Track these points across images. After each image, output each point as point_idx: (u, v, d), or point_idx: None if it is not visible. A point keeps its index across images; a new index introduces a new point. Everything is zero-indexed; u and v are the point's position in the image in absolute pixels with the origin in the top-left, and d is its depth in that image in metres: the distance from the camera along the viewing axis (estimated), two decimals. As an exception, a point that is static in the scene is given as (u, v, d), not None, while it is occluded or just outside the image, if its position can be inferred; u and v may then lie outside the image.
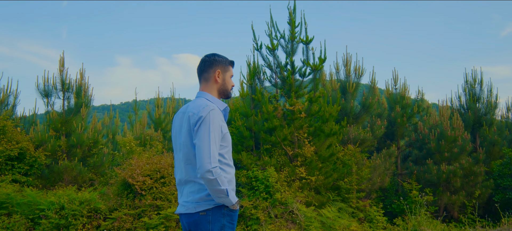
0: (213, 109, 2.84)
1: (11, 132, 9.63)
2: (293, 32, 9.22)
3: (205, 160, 2.74)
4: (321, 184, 9.01)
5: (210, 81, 3.08)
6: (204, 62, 3.13)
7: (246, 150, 9.07)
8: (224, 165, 2.91)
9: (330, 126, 8.83)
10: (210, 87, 3.09)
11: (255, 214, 7.83)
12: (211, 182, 2.74)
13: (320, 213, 8.47)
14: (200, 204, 2.86)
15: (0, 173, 9.33)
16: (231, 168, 2.98)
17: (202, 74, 3.12)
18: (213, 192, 2.78)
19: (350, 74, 10.51)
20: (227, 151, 2.96)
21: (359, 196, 9.71)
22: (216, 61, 3.09)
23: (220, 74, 3.08)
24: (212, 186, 2.76)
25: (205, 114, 2.81)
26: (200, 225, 2.86)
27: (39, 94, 11.00)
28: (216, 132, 2.80)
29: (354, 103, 10.40)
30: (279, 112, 8.95)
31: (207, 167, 2.72)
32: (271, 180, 8.08)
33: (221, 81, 3.09)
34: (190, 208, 2.89)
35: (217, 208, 2.85)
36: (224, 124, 2.93)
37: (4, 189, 8.25)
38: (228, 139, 2.96)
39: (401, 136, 12.30)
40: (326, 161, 9.09)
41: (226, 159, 2.94)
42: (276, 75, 9.44)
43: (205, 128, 2.79)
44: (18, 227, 7.71)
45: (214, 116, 2.82)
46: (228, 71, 3.14)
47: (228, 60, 3.16)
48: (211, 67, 3.09)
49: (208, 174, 2.72)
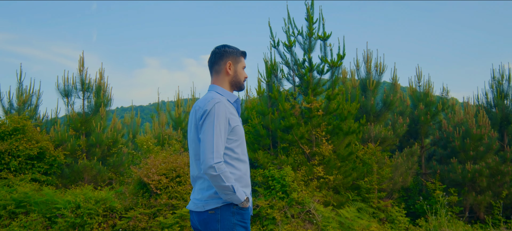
0: (219, 102, 2.75)
1: (31, 131, 9.72)
2: (310, 29, 9.04)
3: (208, 155, 2.66)
4: (340, 183, 8.81)
5: (221, 73, 2.99)
6: (214, 54, 3.03)
7: (262, 149, 8.94)
8: (234, 160, 2.83)
9: (348, 124, 8.61)
10: (221, 80, 3.00)
11: (271, 214, 7.68)
12: (214, 178, 2.65)
13: (338, 213, 8.27)
14: (209, 203, 2.78)
15: (20, 172, 9.42)
16: (242, 163, 2.88)
17: (213, 67, 3.03)
18: (219, 189, 2.70)
19: (370, 71, 10.25)
20: (238, 145, 2.85)
21: (380, 196, 9.46)
22: (226, 53, 3.00)
23: (231, 66, 2.99)
24: (216, 182, 2.67)
25: (210, 107, 2.72)
26: (209, 224, 2.78)
27: (59, 94, 11.10)
28: (222, 125, 2.72)
29: (375, 100, 10.13)
30: (296, 110, 8.79)
31: (209, 162, 2.64)
32: (288, 179, 7.93)
33: (232, 73, 3.00)
34: (199, 206, 2.83)
35: (226, 206, 2.77)
36: (234, 117, 2.84)
37: (22, 188, 8.32)
38: (238, 132, 2.86)
39: (425, 134, 11.95)
40: (345, 160, 8.88)
41: (237, 154, 2.84)
42: (293, 72, 9.28)
43: (210, 121, 2.71)
44: (35, 225, 7.76)
45: (220, 109, 2.73)
46: (240, 62, 3.04)
47: (239, 51, 3.05)
48: (221, 59, 3.00)
49: (210, 170, 2.64)
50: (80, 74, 11.19)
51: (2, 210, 7.98)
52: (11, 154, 9.36)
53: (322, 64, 8.95)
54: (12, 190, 8.36)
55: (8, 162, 9.28)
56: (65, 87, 11.05)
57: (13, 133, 9.54)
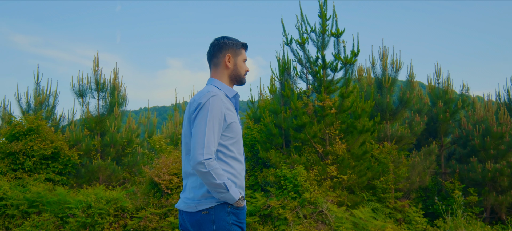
0: (215, 95, 2.59)
1: (45, 132, 9.77)
2: (324, 25, 8.87)
3: (198, 151, 2.49)
4: (354, 183, 8.62)
5: (220, 67, 2.83)
6: (213, 46, 2.87)
7: (275, 148, 8.80)
8: (229, 158, 2.66)
9: (363, 122, 8.42)
10: (220, 73, 2.83)
11: (283, 214, 7.55)
12: (204, 175, 2.49)
13: (352, 213, 8.09)
14: (202, 202, 2.61)
15: (35, 172, 9.48)
16: (237, 162, 2.71)
17: (212, 59, 2.87)
18: (210, 187, 2.54)
19: (386, 68, 10.02)
20: (233, 143, 2.69)
21: (396, 196, 9.24)
22: (225, 44, 2.83)
23: (230, 59, 2.82)
24: (207, 180, 2.51)
25: (204, 100, 2.56)
26: (203, 226, 2.62)
27: (74, 94, 11.16)
28: (215, 120, 2.55)
29: (391, 98, 9.90)
30: (310, 109, 8.63)
31: (198, 158, 2.48)
32: (300, 178, 7.78)
33: (232, 66, 2.83)
34: (191, 206, 2.65)
35: (220, 206, 2.60)
36: (230, 113, 2.67)
37: (35, 187, 8.36)
38: (235, 129, 2.69)
39: (445, 133, 11.64)
40: (360, 159, 8.68)
41: (232, 152, 2.67)
42: (307, 70, 9.12)
43: (203, 115, 2.54)
44: (47, 225, 7.78)
45: (215, 103, 2.57)
46: (240, 55, 2.87)
47: (239, 43, 2.88)
48: (220, 51, 2.83)
49: (199, 166, 2.48)
50: (95, 74, 11.23)
51: (15, 209, 8.04)
52: (26, 154, 9.43)
53: (336, 62, 8.77)
54: (26, 190, 8.41)
55: (23, 162, 9.35)
56: (79, 87, 11.11)
57: (27, 133, 9.61)
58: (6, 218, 8.08)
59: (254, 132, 9.06)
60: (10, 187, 8.38)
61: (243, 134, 9.52)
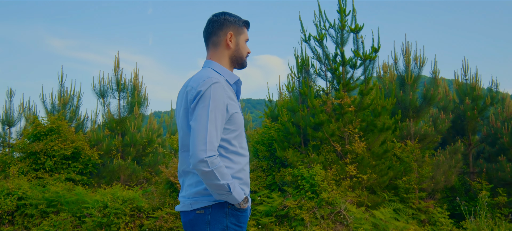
0: (217, 82, 2.26)
1: (66, 132, 9.86)
2: (343, 21, 8.65)
3: (199, 147, 2.18)
4: (375, 183, 8.36)
5: (220, 46, 2.50)
6: (212, 22, 2.52)
7: (293, 147, 8.62)
8: (231, 153, 2.35)
9: (383, 120, 8.15)
10: (219, 54, 2.50)
11: (300, 215, 7.38)
12: (206, 175, 2.18)
13: (372, 214, 7.84)
14: (197, 200, 2.31)
15: (56, 171, 9.58)
16: (241, 157, 2.40)
17: (210, 38, 2.52)
18: (211, 188, 2.23)
19: (409, 64, 9.70)
20: (236, 136, 2.37)
21: (420, 196, 8.92)
22: (227, 21, 2.50)
23: (232, 37, 2.49)
24: (209, 180, 2.20)
25: (204, 88, 2.24)
26: (196, 227, 2.33)
27: (95, 94, 11.24)
28: (218, 111, 2.24)
29: (414, 95, 9.56)
30: (328, 106, 8.42)
31: (200, 156, 2.16)
32: (317, 178, 7.58)
33: (234, 46, 2.50)
34: (186, 205, 2.35)
35: (218, 205, 2.31)
36: (232, 102, 2.35)
37: (54, 187, 8.42)
38: (237, 121, 2.38)
39: (472, 131, 11.19)
40: (381, 158, 8.42)
41: (234, 146, 2.37)
42: (325, 67, 8.90)
43: (203, 106, 2.22)
44: (64, 225, 7.82)
45: (217, 91, 2.25)
46: (243, 34, 2.55)
47: (241, 20, 2.56)
48: (221, 29, 2.49)
49: (201, 165, 2.16)
50: (116, 74, 11.29)
51: (34, 209, 8.11)
52: (47, 154, 9.54)
53: (355, 58, 8.54)
54: (45, 189, 8.49)
55: (44, 162, 9.46)
56: (100, 88, 11.18)
57: (48, 133, 9.72)
58: (26, 217, 8.17)
59: (272, 131, 8.90)
60: (30, 186, 8.48)
61: (260, 133, 9.41)
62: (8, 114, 11.73)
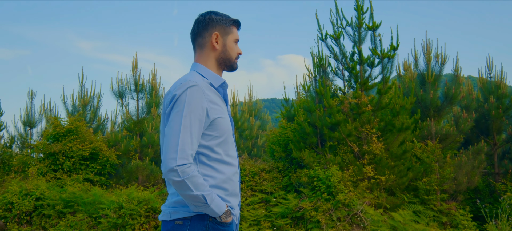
0: (193, 86, 2.13)
1: (84, 132, 9.93)
2: (360, 19, 8.46)
3: (169, 155, 2.05)
4: (394, 184, 8.15)
5: (206, 48, 2.36)
6: (198, 23, 2.39)
7: (309, 148, 8.48)
8: (215, 162, 2.21)
9: (401, 120, 7.94)
10: (206, 56, 2.36)
11: (315, 217, 7.23)
12: (178, 185, 2.05)
13: (391, 216, 7.64)
14: (177, 210, 2.18)
15: (74, 172, 9.65)
16: (227, 166, 2.25)
17: (196, 39, 2.39)
18: (186, 199, 2.10)
19: (430, 62, 9.44)
20: (220, 143, 2.23)
21: (442, 198, 8.66)
22: (212, 21, 2.36)
23: (218, 38, 2.35)
24: (181, 190, 2.07)
25: (180, 92, 2.12)
26: None
27: (113, 95, 11.30)
28: (194, 116, 2.10)
29: (436, 94, 9.29)
30: (346, 106, 8.24)
31: (170, 164, 2.03)
32: (333, 179, 7.43)
33: (220, 47, 2.36)
34: (165, 215, 2.23)
35: (198, 217, 2.16)
36: (215, 107, 2.21)
37: (71, 188, 8.47)
38: (221, 126, 2.23)
39: (497, 130, 10.83)
40: (400, 158, 8.20)
41: (218, 154, 2.22)
42: (342, 66, 8.73)
43: (177, 111, 2.10)
44: (81, 225, 7.85)
45: (193, 95, 2.11)
46: (230, 34, 2.39)
47: (229, 19, 2.41)
48: (206, 29, 2.36)
49: (172, 174, 2.03)
50: (134, 75, 11.32)
51: (51, 210, 8.17)
52: (65, 154, 9.61)
53: (373, 57, 8.35)
54: (62, 190, 8.55)
55: (62, 162, 9.53)
56: (119, 89, 11.22)
57: (67, 134, 9.79)
58: (43, 218, 8.23)
59: (288, 131, 8.77)
60: (48, 187, 8.54)
61: (277, 134, 9.29)
62: (29, 115, 11.90)
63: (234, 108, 13.97)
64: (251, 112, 14.14)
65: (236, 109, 14.01)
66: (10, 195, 8.24)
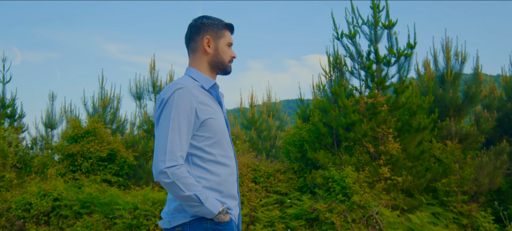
0: (181, 88, 2.16)
1: (102, 134, 10.03)
2: (376, 17, 8.33)
3: (159, 158, 2.09)
4: (411, 185, 7.99)
5: (198, 52, 2.39)
6: (190, 27, 2.42)
7: (324, 148, 8.38)
8: (209, 163, 2.22)
9: (418, 119, 7.78)
10: (198, 60, 2.38)
11: (330, 218, 7.14)
12: (169, 186, 2.08)
13: (408, 218, 7.49)
14: (175, 217, 2.21)
15: (92, 173, 9.75)
16: (222, 167, 2.26)
17: (189, 44, 2.43)
18: (179, 200, 2.12)
19: (449, 60, 9.21)
20: (213, 144, 2.24)
21: (462, 199, 8.45)
22: (204, 25, 2.39)
23: (210, 42, 2.37)
24: (173, 192, 2.09)
25: (168, 95, 2.16)
26: None
27: (131, 97, 11.39)
28: (183, 118, 2.12)
29: (455, 93, 9.06)
30: (361, 106, 8.12)
31: (160, 166, 2.07)
32: (348, 180, 7.32)
33: (212, 51, 2.38)
34: (165, 222, 2.26)
35: (196, 221, 2.17)
36: (205, 108, 2.23)
37: (88, 188, 8.56)
38: (213, 127, 2.24)
39: (522, 130, 10.52)
40: (418, 159, 8.03)
41: (212, 155, 2.23)
42: (358, 65, 8.60)
43: (166, 114, 2.13)
44: (97, 226, 7.92)
45: (181, 97, 2.14)
46: (223, 38, 2.41)
47: (222, 23, 2.42)
48: (198, 34, 2.38)
49: (162, 176, 2.07)
50: (151, 76, 11.39)
51: (68, 210, 8.27)
52: (84, 155, 9.72)
53: (389, 56, 8.20)
54: (80, 191, 8.65)
55: (80, 163, 9.64)
56: (137, 90, 11.32)
57: (85, 135, 9.91)
58: (61, 218, 8.34)
59: (303, 131, 8.68)
60: (66, 188, 8.65)
61: (292, 134, 9.21)
62: (50, 117, 12.11)
63: (252, 109, 13.95)
64: (269, 113, 14.11)
65: (254, 110, 13.99)
66: (29, 195, 8.37)
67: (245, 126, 13.86)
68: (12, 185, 9.52)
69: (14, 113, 12.17)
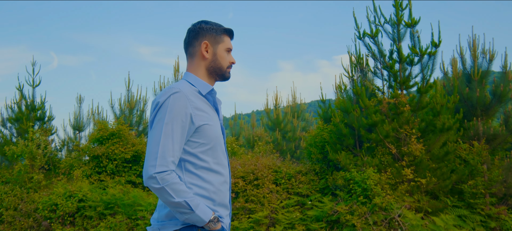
0: (176, 93, 2.13)
1: (126, 136, 10.16)
2: (398, 16, 8.17)
3: (149, 163, 2.06)
4: (436, 187, 7.79)
5: (196, 57, 2.36)
6: (189, 32, 2.40)
7: (346, 149, 8.26)
8: (202, 170, 2.18)
9: (442, 119, 7.58)
10: (196, 65, 2.35)
11: (351, 220, 7.03)
12: (158, 192, 2.05)
13: (432, 220, 7.31)
14: (165, 225, 2.17)
15: (117, 174, 9.90)
16: (214, 174, 2.23)
17: (187, 48, 2.40)
18: (169, 206, 2.09)
19: (476, 58, 8.95)
20: (206, 150, 2.19)
21: (491, 201, 8.19)
22: (202, 30, 2.35)
23: (208, 47, 2.34)
24: (162, 197, 2.07)
25: (163, 99, 2.12)
26: None
27: (156, 98, 11.51)
28: (176, 123, 2.09)
29: (483, 92, 8.79)
30: (384, 106, 7.97)
31: (149, 171, 2.04)
32: (369, 182, 7.19)
33: (210, 56, 2.34)
34: (154, 229, 2.22)
35: (187, 228, 2.13)
36: (201, 114, 2.19)
37: (112, 190, 8.68)
38: (208, 134, 2.20)
39: (555, 129, 10.13)
40: (443, 160, 7.83)
41: (205, 162, 2.19)
42: (381, 64, 8.45)
43: (159, 118, 2.10)
44: (120, 227, 8.02)
45: (176, 102, 2.10)
46: (222, 43, 2.37)
47: (221, 28, 2.38)
48: (196, 39, 2.36)
49: (151, 182, 2.05)
50: (175, 78, 11.49)
51: (92, 211, 8.41)
52: (108, 157, 9.87)
53: (413, 55, 8.03)
54: (104, 192, 8.78)
55: (105, 165, 9.80)
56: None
57: (110, 137, 10.06)
58: (85, 219, 8.49)
59: (324, 132, 8.59)
60: (90, 189, 8.81)
61: (313, 135, 9.11)
62: (78, 119, 12.37)
63: (277, 110, 13.93)
64: (293, 113, 14.06)
65: (278, 111, 13.96)
66: (55, 196, 8.56)
67: (270, 127, 13.85)
68: (40, 186, 9.76)
69: (44, 115, 12.48)
